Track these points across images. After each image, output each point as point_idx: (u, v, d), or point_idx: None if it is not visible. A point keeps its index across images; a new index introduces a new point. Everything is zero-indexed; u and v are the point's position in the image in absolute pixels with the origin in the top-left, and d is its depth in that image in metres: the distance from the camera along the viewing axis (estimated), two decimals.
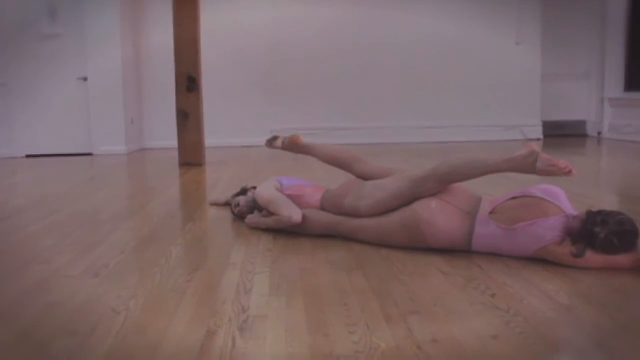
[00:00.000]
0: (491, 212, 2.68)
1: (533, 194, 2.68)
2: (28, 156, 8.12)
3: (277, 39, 9.00)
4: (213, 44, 8.24)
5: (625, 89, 9.12)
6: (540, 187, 2.76)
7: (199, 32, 6.47)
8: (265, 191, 3.31)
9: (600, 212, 2.51)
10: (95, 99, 8.19)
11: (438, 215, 2.70)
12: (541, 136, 9.48)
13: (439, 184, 2.79)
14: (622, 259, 2.44)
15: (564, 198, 2.67)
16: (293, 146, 3.64)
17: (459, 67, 9.24)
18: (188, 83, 6.43)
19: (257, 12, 8.95)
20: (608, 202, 4.19)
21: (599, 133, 9.55)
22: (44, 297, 2.31)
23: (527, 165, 2.58)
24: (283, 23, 8.99)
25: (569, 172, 2.51)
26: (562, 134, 9.72)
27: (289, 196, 3.26)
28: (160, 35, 8.24)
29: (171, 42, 6.44)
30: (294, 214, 3.11)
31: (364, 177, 3.20)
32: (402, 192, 2.86)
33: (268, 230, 3.26)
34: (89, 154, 8.22)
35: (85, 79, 8.17)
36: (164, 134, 8.37)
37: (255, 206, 3.50)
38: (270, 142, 3.73)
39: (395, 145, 8.43)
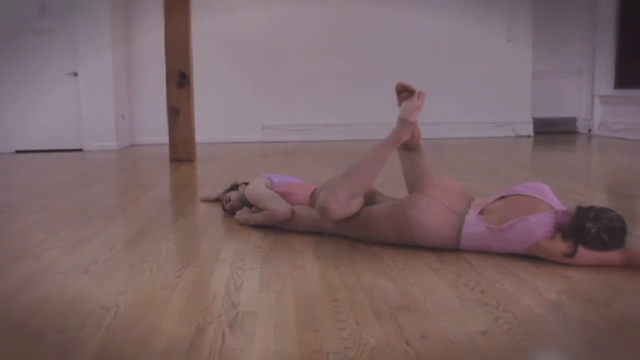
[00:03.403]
0: (480, 213, 2.69)
1: (521, 192, 2.69)
2: (18, 152, 8.08)
3: (269, 36, 8.98)
4: (205, 39, 8.23)
5: (616, 86, 9.17)
6: (527, 184, 2.78)
7: (190, 28, 6.44)
8: (255, 188, 3.32)
9: (591, 208, 2.52)
10: (85, 94, 8.16)
11: (427, 214, 2.69)
12: (532, 133, 9.51)
13: (348, 191, 2.80)
14: (613, 255, 2.46)
15: (551, 194, 2.68)
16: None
17: (450, 64, 9.25)
18: (179, 79, 6.41)
19: (249, 9, 8.93)
20: (598, 198, 4.21)
21: (590, 130, 9.59)
22: (33, 293, 2.30)
23: (398, 124, 2.84)
24: (275, 19, 8.98)
25: (421, 95, 2.80)
26: (553, 131, 9.75)
27: (279, 193, 3.27)
28: (152, 30, 8.23)
29: (162, 37, 6.41)
30: (283, 209, 3.11)
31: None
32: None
33: (258, 226, 3.26)
34: (80, 150, 8.19)
35: (75, 74, 8.14)
36: (155, 130, 8.36)
37: (246, 202, 3.49)
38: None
39: None
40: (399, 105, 2.93)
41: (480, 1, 9.27)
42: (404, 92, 2.91)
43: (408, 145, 3.03)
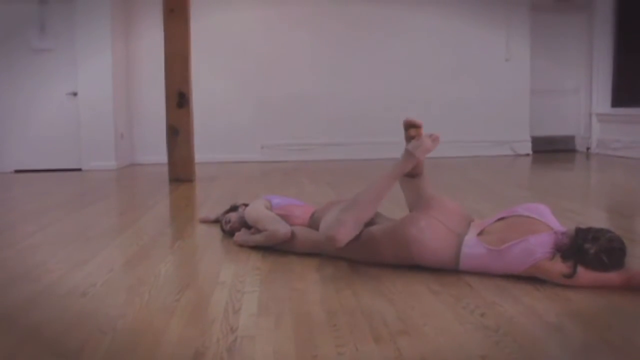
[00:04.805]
0: (480, 234, 2.68)
1: (520, 214, 2.69)
2: (17, 171, 8.07)
3: (268, 55, 9.01)
4: (204, 59, 8.25)
5: (613, 104, 9.20)
6: (526, 205, 2.78)
7: (189, 48, 6.47)
8: (254, 210, 3.31)
9: (590, 229, 2.52)
10: (85, 114, 8.17)
11: (427, 233, 2.68)
12: (530, 152, 9.52)
13: (356, 216, 2.81)
14: (613, 277, 2.44)
15: (550, 215, 2.68)
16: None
17: (449, 83, 9.28)
18: (178, 99, 6.42)
19: (248, 28, 8.97)
20: (597, 217, 4.21)
21: (588, 148, 9.60)
22: (31, 316, 2.29)
23: (405, 157, 2.84)
24: (274, 39, 9.02)
25: (435, 139, 2.80)
26: (551, 149, 9.76)
27: (278, 215, 3.26)
28: (151, 50, 8.25)
29: (162, 57, 6.44)
30: (283, 230, 3.10)
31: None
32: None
33: (257, 248, 3.25)
34: (79, 170, 8.19)
35: (75, 94, 8.15)
36: (154, 150, 8.36)
37: (246, 223, 3.49)
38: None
39: (386, 162, 8.42)
40: (407, 140, 2.92)
41: (478, 21, 9.32)
42: (412, 128, 2.91)
43: (411, 173, 3.03)
